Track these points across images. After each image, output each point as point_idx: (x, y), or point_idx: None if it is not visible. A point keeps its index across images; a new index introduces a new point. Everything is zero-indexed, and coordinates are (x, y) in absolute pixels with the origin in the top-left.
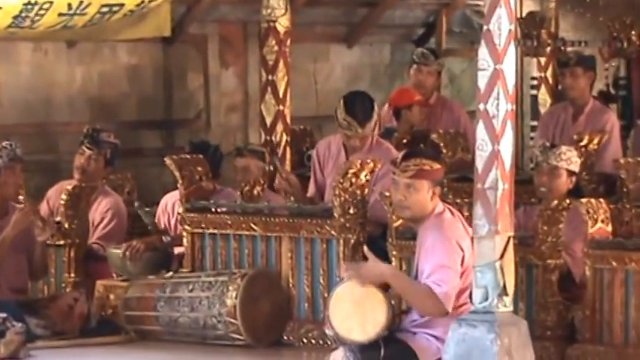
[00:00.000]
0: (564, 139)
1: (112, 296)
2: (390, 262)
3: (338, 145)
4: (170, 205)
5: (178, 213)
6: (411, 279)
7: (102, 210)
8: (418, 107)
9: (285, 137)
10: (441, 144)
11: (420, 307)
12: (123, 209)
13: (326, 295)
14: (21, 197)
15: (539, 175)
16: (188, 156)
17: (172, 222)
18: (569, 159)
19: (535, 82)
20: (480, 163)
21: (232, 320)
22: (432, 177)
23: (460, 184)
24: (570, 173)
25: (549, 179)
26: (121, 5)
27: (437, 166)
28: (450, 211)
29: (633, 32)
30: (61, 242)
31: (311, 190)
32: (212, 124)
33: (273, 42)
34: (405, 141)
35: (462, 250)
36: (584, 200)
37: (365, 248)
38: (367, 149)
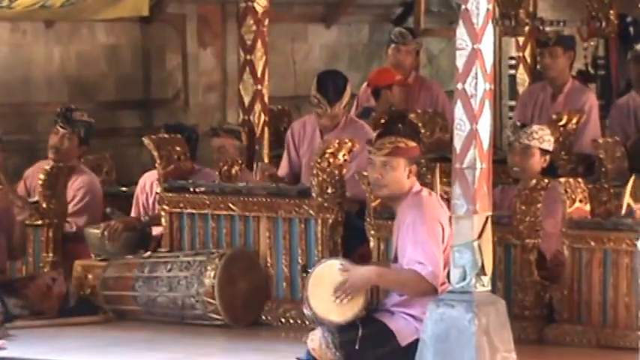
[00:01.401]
0: (543, 119)
1: (90, 276)
2: (366, 241)
3: (313, 125)
4: (148, 185)
5: (157, 193)
6: (395, 271)
7: (75, 187)
8: (398, 87)
9: (263, 117)
10: (419, 124)
11: (411, 293)
12: (97, 187)
13: (304, 275)
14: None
15: (511, 154)
16: (166, 135)
17: (151, 201)
18: (542, 137)
19: (513, 62)
20: (458, 143)
21: (210, 300)
22: (408, 154)
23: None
24: (543, 152)
25: (521, 159)
26: None
27: (412, 144)
28: (427, 191)
29: (612, 12)
30: (39, 222)
31: (283, 169)
32: (190, 104)
33: (251, 22)
34: (382, 121)
35: (442, 226)
36: (562, 180)
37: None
38: (341, 128)
